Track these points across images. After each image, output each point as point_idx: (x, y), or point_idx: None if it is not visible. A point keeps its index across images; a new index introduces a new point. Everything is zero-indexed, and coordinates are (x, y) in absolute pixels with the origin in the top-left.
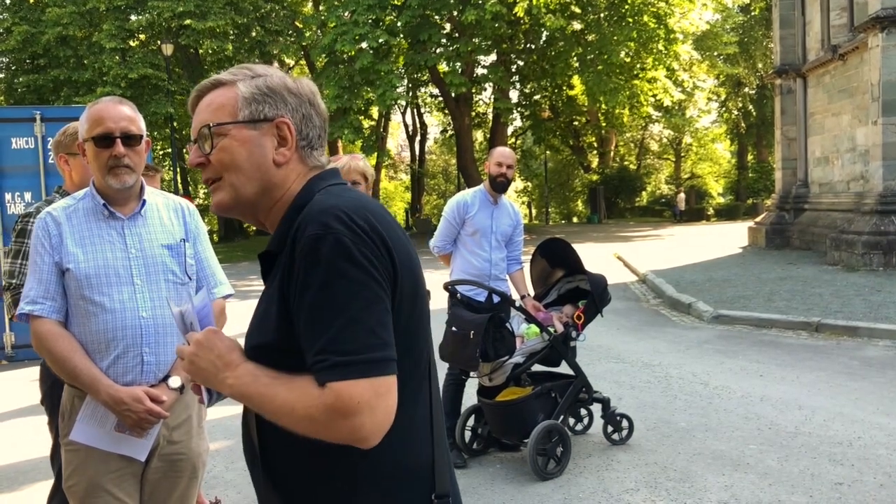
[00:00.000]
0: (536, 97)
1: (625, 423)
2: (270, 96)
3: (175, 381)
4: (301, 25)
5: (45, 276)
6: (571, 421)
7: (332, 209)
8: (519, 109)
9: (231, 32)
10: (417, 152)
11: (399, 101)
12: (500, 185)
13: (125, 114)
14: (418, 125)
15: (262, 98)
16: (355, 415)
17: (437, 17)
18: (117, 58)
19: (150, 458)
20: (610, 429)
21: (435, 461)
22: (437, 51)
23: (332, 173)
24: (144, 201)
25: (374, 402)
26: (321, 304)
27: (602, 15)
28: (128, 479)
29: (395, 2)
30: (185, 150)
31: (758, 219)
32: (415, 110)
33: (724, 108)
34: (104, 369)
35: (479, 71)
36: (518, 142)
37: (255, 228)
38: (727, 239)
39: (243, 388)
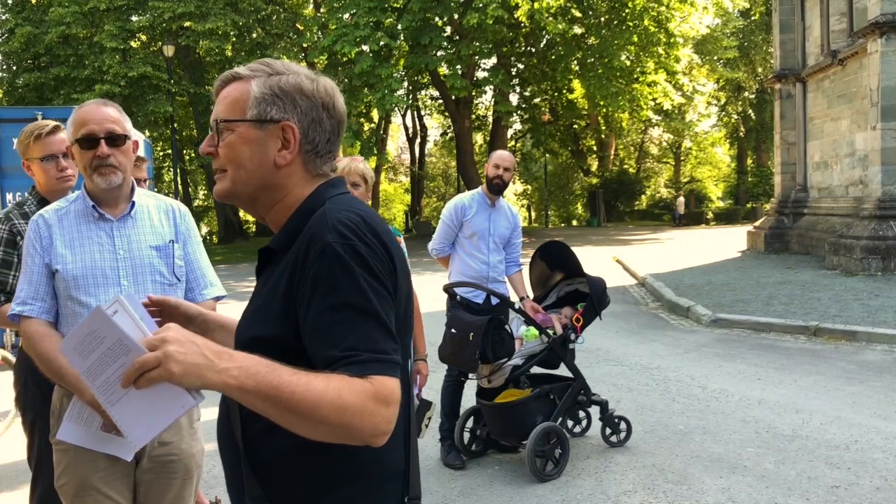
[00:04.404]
0: (536, 100)
1: (623, 426)
2: (280, 98)
3: None
4: (302, 27)
5: (36, 278)
6: (570, 423)
7: (346, 221)
8: (519, 113)
9: (231, 34)
10: (417, 155)
11: (399, 105)
12: (496, 187)
13: (109, 115)
14: (418, 127)
15: (272, 99)
16: (392, 405)
17: (438, 20)
18: (118, 57)
19: (140, 459)
20: (608, 431)
21: (409, 464)
22: (438, 54)
23: (340, 181)
24: (134, 203)
25: (398, 399)
26: (350, 305)
27: (603, 19)
28: (118, 477)
29: (396, 4)
30: (183, 151)
31: (757, 223)
32: (415, 113)
33: (723, 113)
34: None
35: (480, 74)
36: (518, 145)
37: (255, 230)
38: (726, 243)
39: (257, 377)
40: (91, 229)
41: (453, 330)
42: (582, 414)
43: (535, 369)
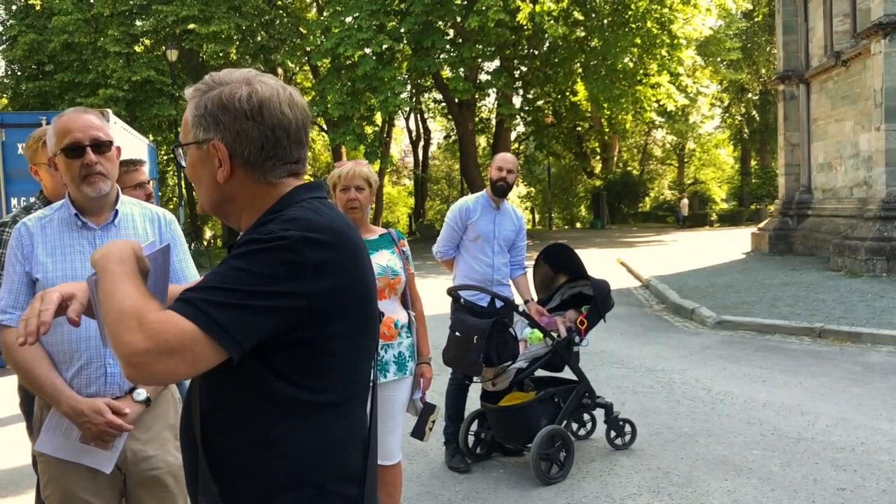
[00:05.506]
0: (539, 103)
1: (628, 428)
2: (205, 118)
3: (140, 394)
4: (305, 31)
5: (16, 287)
6: (574, 426)
7: (299, 222)
8: (522, 115)
9: (235, 37)
10: (421, 157)
11: (402, 108)
12: (499, 190)
13: (92, 122)
14: (422, 130)
15: (199, 120)
16: (154, 341)
17: (440, 23)
18: (121, 61)
19: (127, 472)
20: (613, 434)
21: (366, 474)
22: (441, 56)
23: (317, 185)
24: (117, 211)
25: (167, 342)
26: (235, 269)
27: (605, 21)
28: (103, 486)
29: (398, 8)
30: None
31: (761, 224)
32: (418, 115)
33: (727, 114)
34: (68, 380)
35: (483, 77)
36: (521, 147)
37: None
38: (730, 244)
39: (107, 263)
40: (73, 238)
41: (457, 333)
42: (587, 417)
43: (540, 372)
